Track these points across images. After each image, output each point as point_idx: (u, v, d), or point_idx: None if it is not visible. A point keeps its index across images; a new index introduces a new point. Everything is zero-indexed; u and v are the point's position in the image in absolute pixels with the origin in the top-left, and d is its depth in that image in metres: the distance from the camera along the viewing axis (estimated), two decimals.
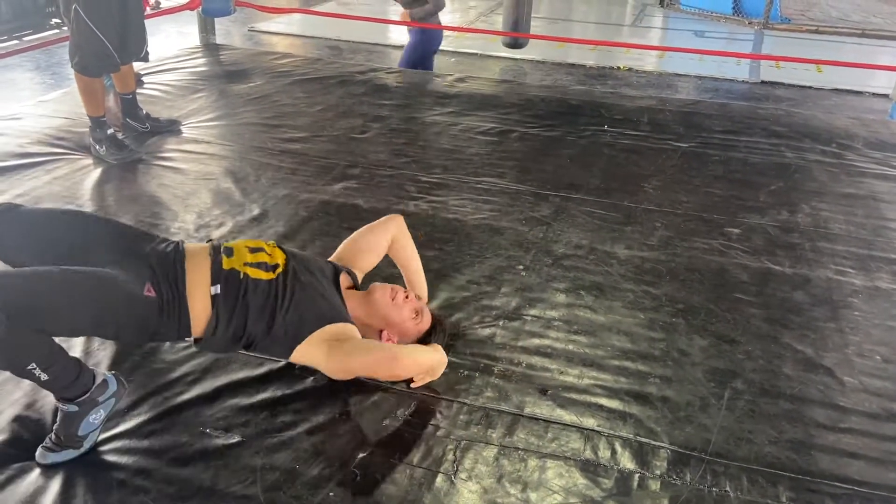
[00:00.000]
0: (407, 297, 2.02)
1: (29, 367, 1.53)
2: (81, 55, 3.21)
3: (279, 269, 1.87)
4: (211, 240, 1.97)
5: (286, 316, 1.82)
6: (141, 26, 3.45)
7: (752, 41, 6.31)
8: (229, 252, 1.85)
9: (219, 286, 1.77)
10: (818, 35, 6.55)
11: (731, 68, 5.38)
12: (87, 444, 1.69)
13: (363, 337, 1.93)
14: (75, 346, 2.02)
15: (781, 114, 4.35)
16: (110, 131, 3.37)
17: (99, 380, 1.69)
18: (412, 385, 1.94)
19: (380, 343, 1.96)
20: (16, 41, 5.72)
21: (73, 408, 1.64)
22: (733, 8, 6.94)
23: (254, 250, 1.89)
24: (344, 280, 2.05)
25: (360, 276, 2.14)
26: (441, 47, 5.60)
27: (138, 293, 1.66)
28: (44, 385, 1.59)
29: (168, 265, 1.75)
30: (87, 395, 1.65)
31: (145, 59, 3.55)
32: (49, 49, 5.20)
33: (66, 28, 3.51)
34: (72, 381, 1.62)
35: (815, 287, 2.52)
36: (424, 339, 2.02)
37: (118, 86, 3.60)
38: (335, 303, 1.93)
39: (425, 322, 2.03)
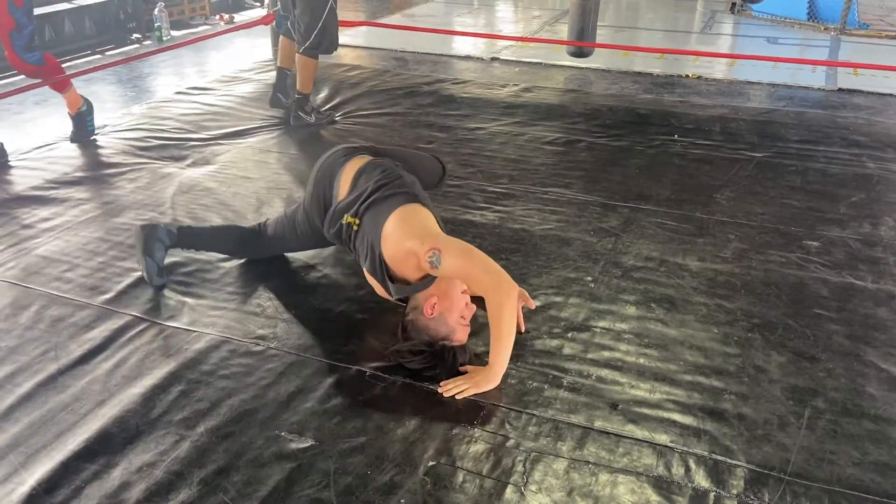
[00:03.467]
0: (467, 295, 2.12)
1: None
2: (328, 39, 3.87)
3: None
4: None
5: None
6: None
7: (829, 47, 6.08)
8: None
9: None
10: None
11: (807, 75, 5.20)
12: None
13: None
14: None
15: (861, 122, 4.19)
16: (308, 105, 4.06)
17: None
18: (448, 391, 1.94)
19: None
20: (98, 56, 6.00)
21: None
22: (808, 13, 6.71)
23: None
24: None
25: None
26: (504, 57, 5.62)
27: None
28: None
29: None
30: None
31: None
32: (130, 64, 5.44)
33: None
34: None
35: None
36: (446, 347, 2.03)
37: (283, 61, 4.18)
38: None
39: (464, 331, 2.08)
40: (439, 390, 1.96)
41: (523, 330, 2.22)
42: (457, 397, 1.94)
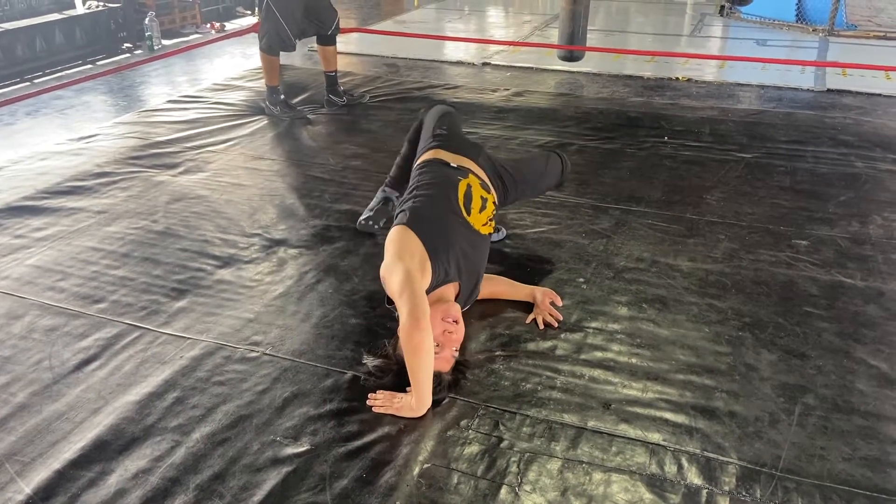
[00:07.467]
0: (449, 324, 2.00)
1: None
2: (267, 38, 4.14)
3: (473, 204, 2.30)
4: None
5: (423, 206, 2.22)
6: (328, 7, 4.30)
7: (817, 49, 6.13)
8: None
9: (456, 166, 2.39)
10: (886, 41, 6.32)
11: (795, 76, 5.24)
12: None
13: None
14: None
15: (850, 122, 4.23)
16: (282, 97, 4.35)
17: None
18: (375, 407, 1.92)
19: (423, 303, 1.91)
20: (90, 65, 6.00)
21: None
22: (796, 15, 6.76)
23: (483, 197, 2.36)
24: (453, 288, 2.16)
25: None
26: (495, 62, 5.65)
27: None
28: None
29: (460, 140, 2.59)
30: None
31: (336, 31, 4.37)
32: (121, 73, 5.45)
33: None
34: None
35: (889, 300, 2.43)
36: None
37: (323, 65, 4.44)
38: (446, 244, 2.13)
39: (439, 359, 1.96)
40: (368, 401, 1.94)
41: (555, 324, 2.28)
42: (374, 410, 1.92)
